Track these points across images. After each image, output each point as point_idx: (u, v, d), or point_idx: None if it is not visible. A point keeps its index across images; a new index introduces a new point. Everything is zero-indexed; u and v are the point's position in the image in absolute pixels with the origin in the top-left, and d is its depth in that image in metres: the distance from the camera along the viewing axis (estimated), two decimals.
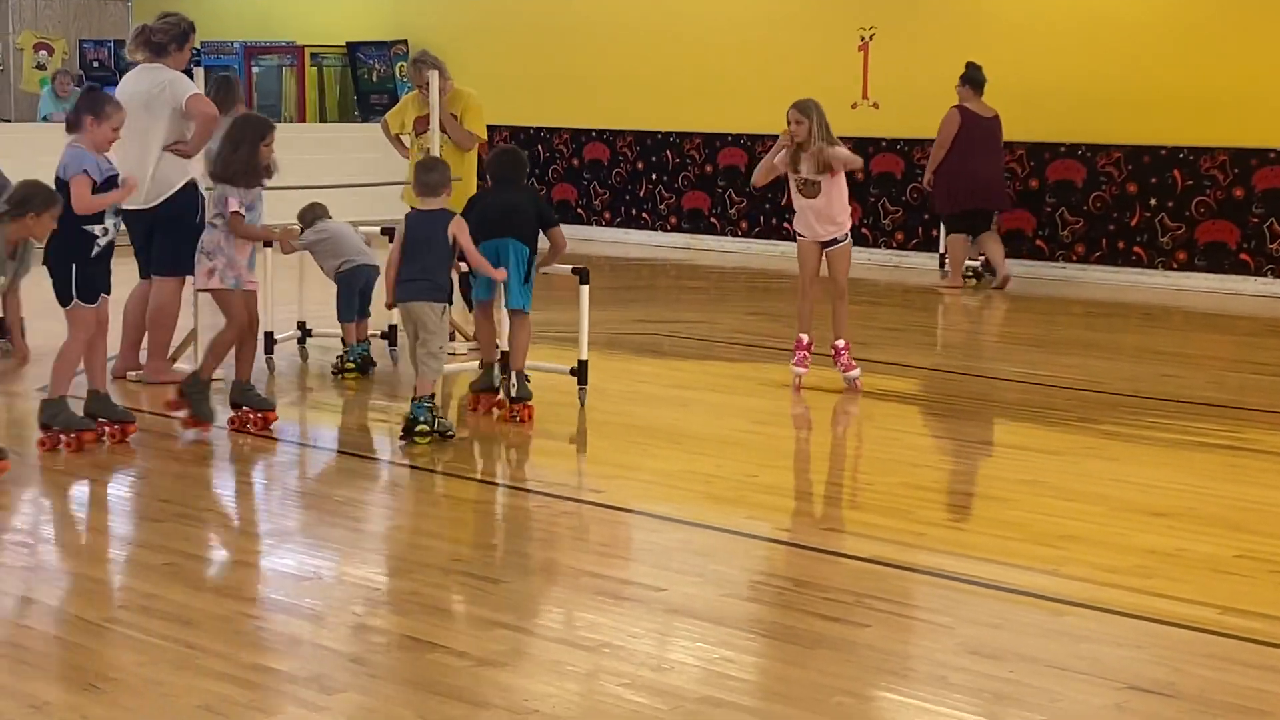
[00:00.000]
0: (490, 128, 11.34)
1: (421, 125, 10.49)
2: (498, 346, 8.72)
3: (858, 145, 15.87)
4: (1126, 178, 14.67)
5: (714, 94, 16.93)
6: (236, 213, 8.17)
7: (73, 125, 7.78)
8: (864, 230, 16.12)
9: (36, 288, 9.25)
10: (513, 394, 8.44)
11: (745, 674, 5.02)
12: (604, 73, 17.71)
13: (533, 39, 18.36)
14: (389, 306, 8.45)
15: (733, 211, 17.08)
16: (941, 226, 15.10)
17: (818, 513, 6.98)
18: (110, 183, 7.71)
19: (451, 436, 8.04)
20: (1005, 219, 15.06)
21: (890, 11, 15.87)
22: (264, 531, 6.69)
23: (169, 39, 9.32)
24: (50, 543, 6.44)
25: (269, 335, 9.84)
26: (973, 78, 14.27)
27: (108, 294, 7.77)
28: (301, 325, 10.27)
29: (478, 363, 8.95)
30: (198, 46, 19.44)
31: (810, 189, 9.28)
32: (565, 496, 7.24)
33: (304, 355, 10.26)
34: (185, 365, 9.54)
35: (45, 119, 17.53)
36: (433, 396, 8.05)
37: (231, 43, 19.76)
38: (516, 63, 18.23)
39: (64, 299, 7.68)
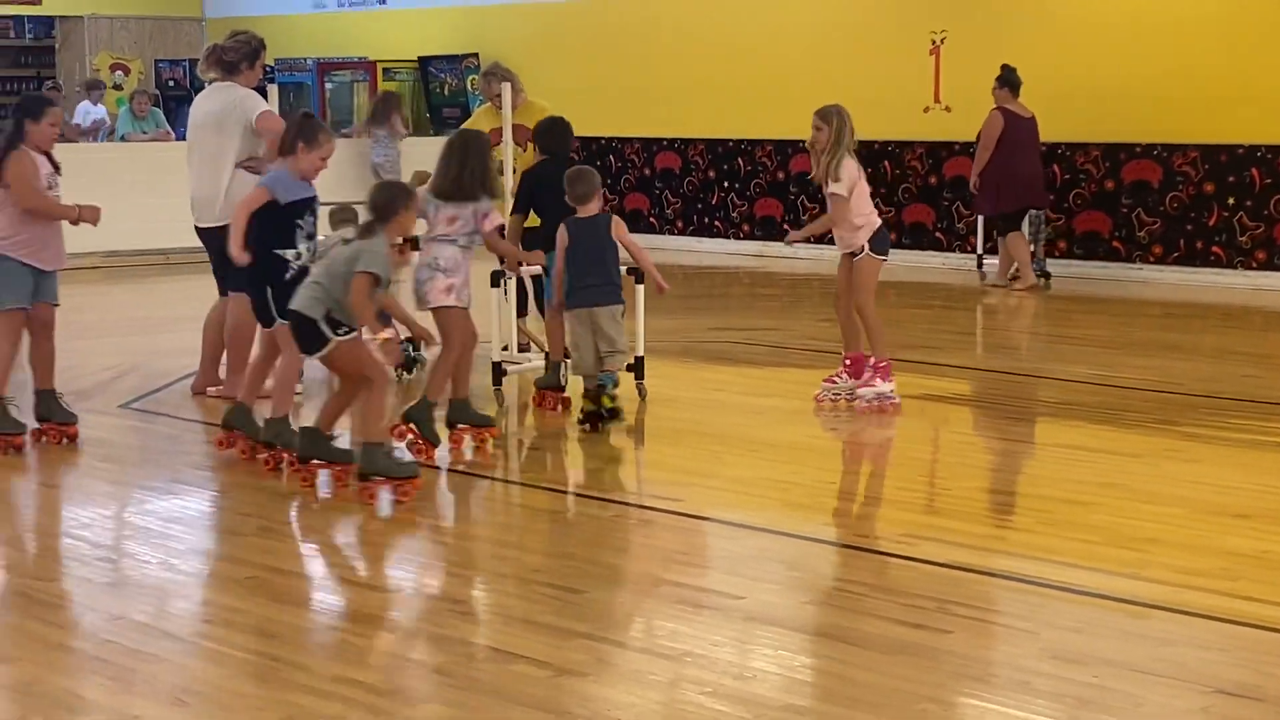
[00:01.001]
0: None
1: (495, 138, 10.52)
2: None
3: (930, 149, 15.90)
4: (1203, 177, 14.53)
5: (785, 100, 16.90)
6: (500, 228, 8.16)
7: (285, 149, 7.70)
8: (938, 234, 16.06)
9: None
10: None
11: (827, 681, 5.01)
12: (675, 82, 17.72)
13: (604, 50, 18.40)
14: (559, 309, 8.53)
15: (805, 218, 17.04)
16: (980, 228, 15.22)
17: (896, 518, 6.95)
18: (302, 206, 7.64)
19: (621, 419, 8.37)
20: (1080, 221, 14.99)
21: (961, 14, 15.80)
22: (344, 544, 6.74)
23: (240, 57, 9.40)
24: (133, 558, 6.51)
25: None
26: (1010, 79, 14.36)
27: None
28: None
29: (544, 360, 9.14)
30: (270, 64, 19.70)
31: (830, 198, 9.16)
32: (642, 505, 7.25)
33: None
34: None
35: (123, 138, 17.73)
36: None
37: (305, 59, 19.92)
38: (588, 74, 18.28)
39: (266, 321, 7.72)
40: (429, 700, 4.78)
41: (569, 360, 8.82)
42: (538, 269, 8.91)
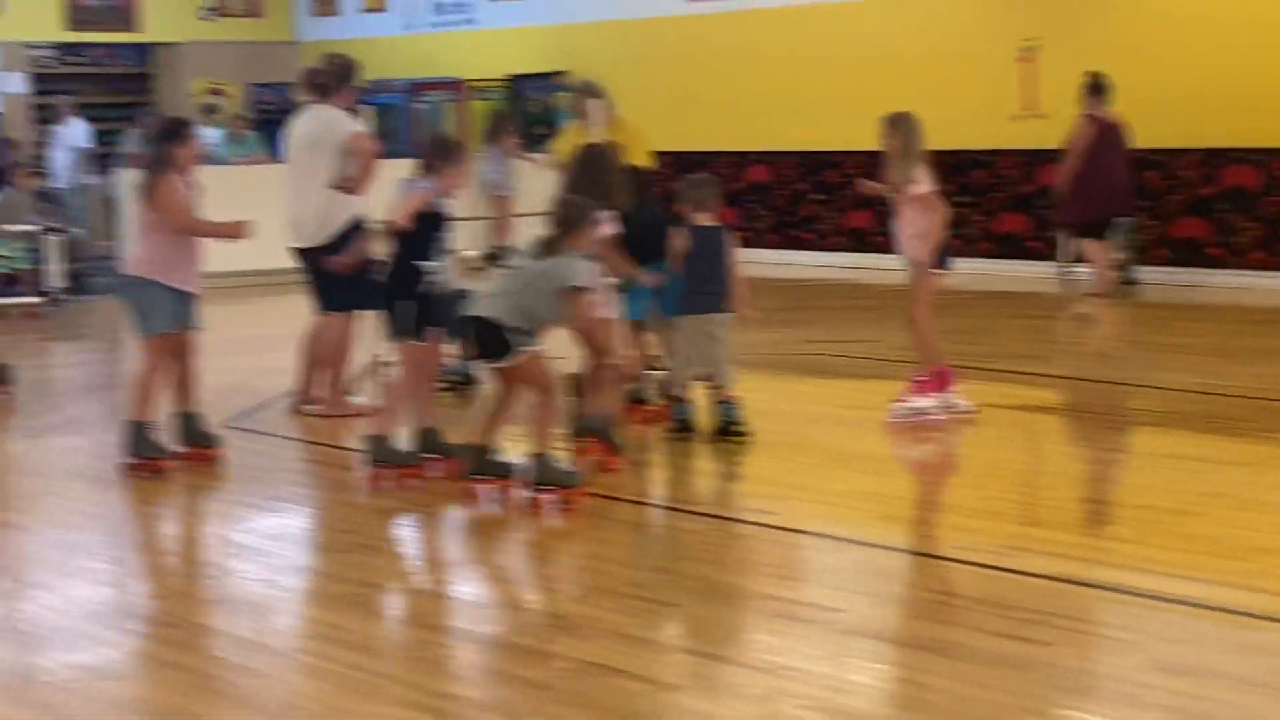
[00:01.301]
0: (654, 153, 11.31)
1: None
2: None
3: (1025, 157, 15.76)
4: None
5: (875, 111, 16.79)
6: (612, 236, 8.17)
7: (427, 169, 7.72)
8: (1032, 244, 15.92)
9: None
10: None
11: (927, 695, 4.98)
12: (763, 94, 17.70)
13: (692, 64, 18.41)
14: (672, 316, 8.55)
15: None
16: (1065, 237, 15.05)
17: (994, 529, 6.90)
18: (443, 222, 7.72)
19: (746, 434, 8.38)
20: (1178, 227, 14.82)
21: (1052, 21, 15.67)
22: (443, 560, 6.78)
23: (333, 79, 9.50)
24: (237, 574, 6.58)
25: None
26: (1098, 86, 14.26)
27: (435, 333, 7.75)
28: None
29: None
30: (364, 85, 19.88)
31: (913, 201, 9.07)
32: (738, 519, 7.24)
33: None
34: (361, 398, 9.69)
35: (221, 162, 17.94)
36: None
37: (396, 80, 20.08)
38: (676, 88, 18.29)
39: (399, 335, 7.75)
40: (529, 715, 4.80)
41: (653, 372, 8.84)
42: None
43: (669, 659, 5.29)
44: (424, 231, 7.60)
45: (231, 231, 8.30)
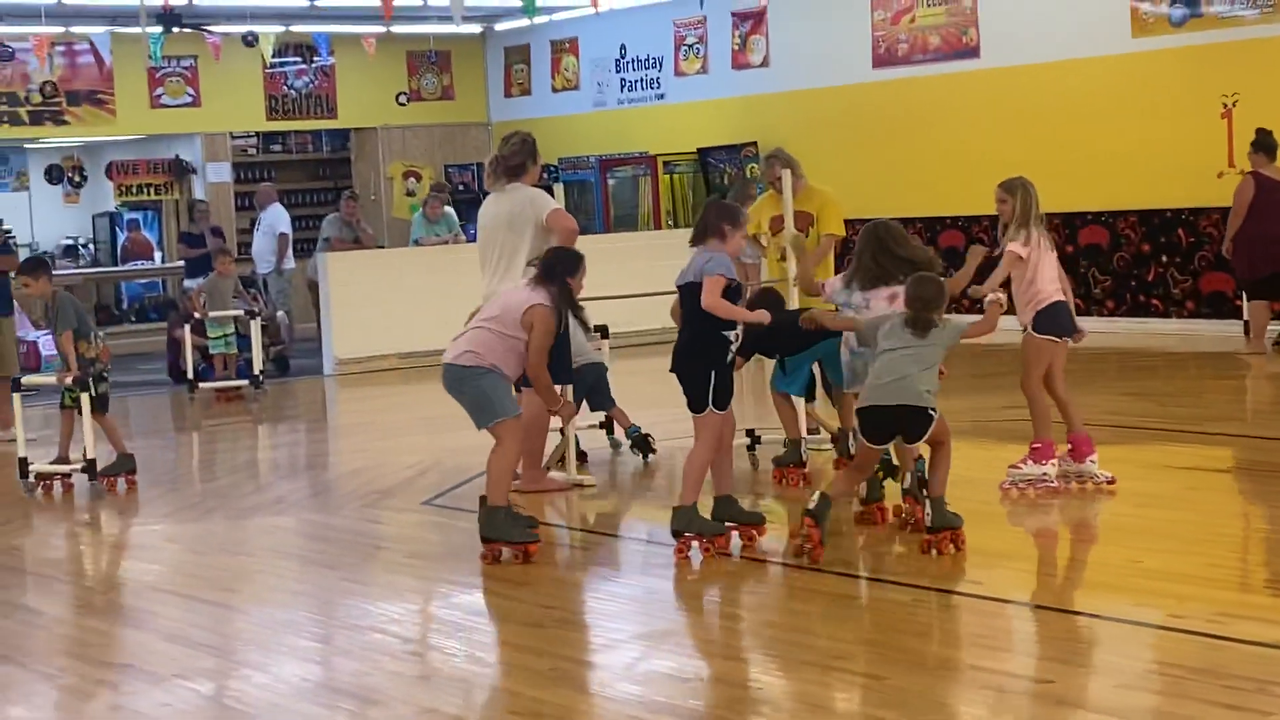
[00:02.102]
0: (847, 222, 11.22)
1: (777, 225, 10.53)
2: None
3: (1226, 214, 15.41)
4: None
5: (1072, 172, 16.62)
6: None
7: (703, 234, 7.82)
8: (1239, 302, 15.54)
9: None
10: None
11: None
12: (956, 157, 17.56)
13: (881, 130, 18.35)
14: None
15: (1097, 291, 16.69)
16: (1244, 294, 14.85)
17: (1209, 597, 6.69)
18: (736, 288, 7.79)
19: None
20: None
21: (1253, 76, 15.35)
22: (642, 634, 6.75)
23: (523, 158, 9.62)
24: (440, 651, 6.63)
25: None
26: (1264, 144, 14.27)
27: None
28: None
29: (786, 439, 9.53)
30: (554, 163, 20.15)
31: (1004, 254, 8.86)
32: (942, 589, 7.12)
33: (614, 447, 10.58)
34: (559, 474, 9.75)
35: (416, 243, 18.27)
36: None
37: (588, 157, 20.31)
38: (866, 154, 18.25)
39: (699, 406, 7.73)
40: None
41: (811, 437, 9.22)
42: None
43: None
44: (730, 299, 7.66)
45: (558, 406, 8.38)
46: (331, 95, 22.32)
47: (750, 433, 10.18)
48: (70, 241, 22.30)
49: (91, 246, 22.46)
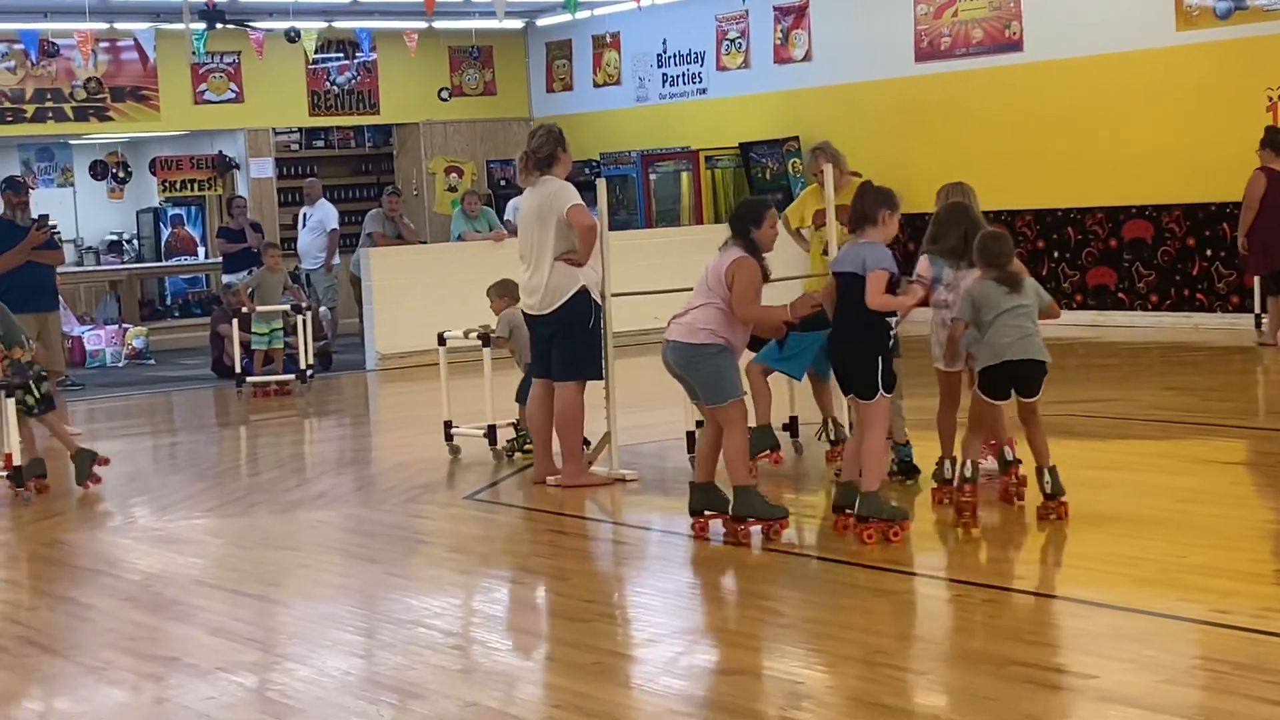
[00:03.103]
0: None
1: (820, 219, 10.50)
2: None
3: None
4: None
5: (1116, 166, 16.54)
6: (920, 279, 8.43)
7: (861, 221, 7.90)
8: None
9: None
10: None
11: None
12: (999, 152, 17.48)
13: (924, 124, 18.29)
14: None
15: (1141, 285, 16.60)
16: (1258, 288, 14.98)
17: (1254, 592, 6.65)
18: (895, 281, 7.87)
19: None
20: None
21: None
22: (684, 629, 6.76)
23: (551, 149, 9.63)
24: (483, 645, 6.65)
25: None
26: (1273, 141, 14.35)
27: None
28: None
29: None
30: (596, 157, 20.15)
31: None
32: (985, 584, 7.10)
33: None
34: (600, 469, 9.76)
35: (459, 238, 18.31)
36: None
37: (630, 152, 20.32)
38: (909, 148, 18.18)
39: (869, 392, 7.77)
40: None
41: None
42: None
43: None
44: (891, 288, 7.77)
45: (778, 321, 8.19)
46: (374, 91, 22.38)
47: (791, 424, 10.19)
48: (114, 237, 22.43)
49: (135, 242, 22.58)
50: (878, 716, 5.31)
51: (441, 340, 11.12)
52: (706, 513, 8.07)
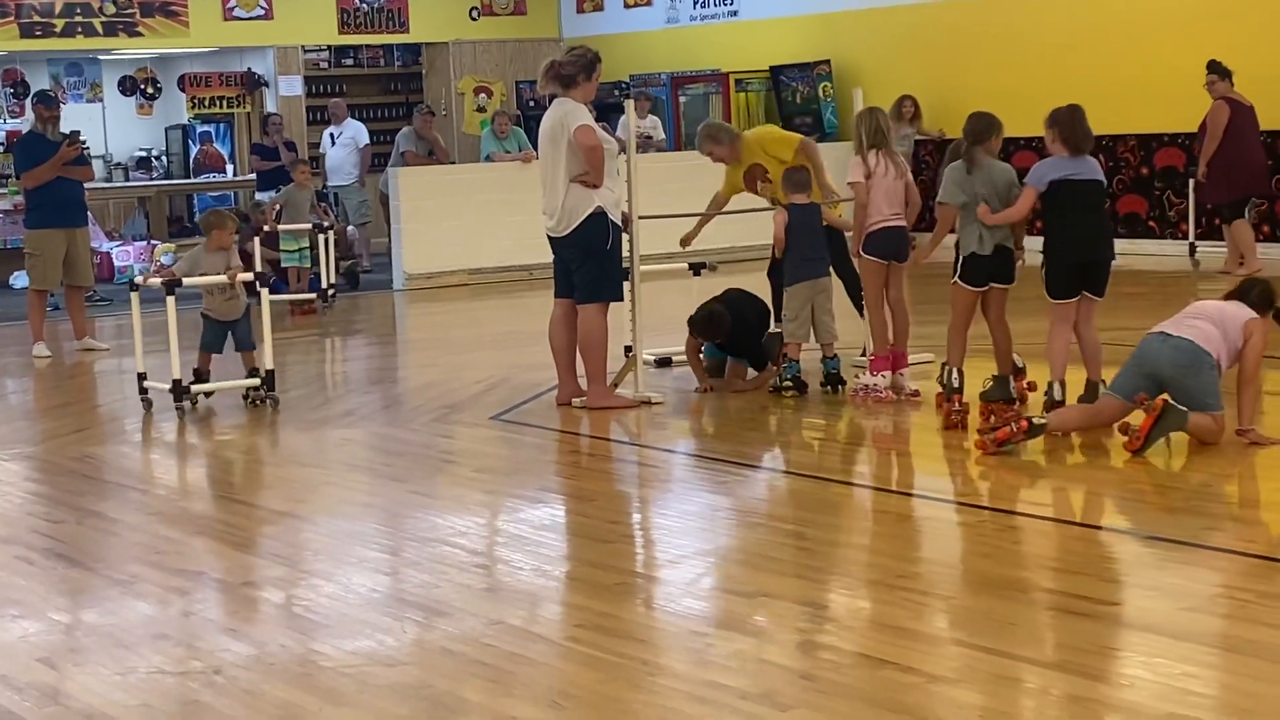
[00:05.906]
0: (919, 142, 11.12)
1: (752, 175, 10.63)
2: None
3: None
4: None
5: (1148, 93, 16.39)
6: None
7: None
8: None
9: None
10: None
11: (1209, 689, 4.82)
12: (1034, 79, 17.29)
13: (959, 48, 18.12)
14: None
15: (1172, 214, 16.50)
16: (1191, 215, 15.53)
17: (1277, 521, 6.64)
18: None
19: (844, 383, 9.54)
20: None
21: None
22: (706, 550, 6.78)
23: (576, 70, 9.51)
24: (508, 564, 6.69)
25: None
26: (1221, 69, 14.60)
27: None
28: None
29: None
30: (626, 79, 20.03)
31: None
32: (1010, 510, 7.11)
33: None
34: (626, 390, 9.76)
35: (488, 158, 18.25)
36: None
37: (660, 74, 20.20)
38: (943, 73, 18.04)
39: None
40: (797, 705, 4.77)
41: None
42: None
43: (940, 651, 5.21)
44: None
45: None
46: (404, 9, 22.25)
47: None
48: (143, 153, 22.41)
49: (164, 158, 22.57)
50: (899, 640, 5.34)
51: None
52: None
